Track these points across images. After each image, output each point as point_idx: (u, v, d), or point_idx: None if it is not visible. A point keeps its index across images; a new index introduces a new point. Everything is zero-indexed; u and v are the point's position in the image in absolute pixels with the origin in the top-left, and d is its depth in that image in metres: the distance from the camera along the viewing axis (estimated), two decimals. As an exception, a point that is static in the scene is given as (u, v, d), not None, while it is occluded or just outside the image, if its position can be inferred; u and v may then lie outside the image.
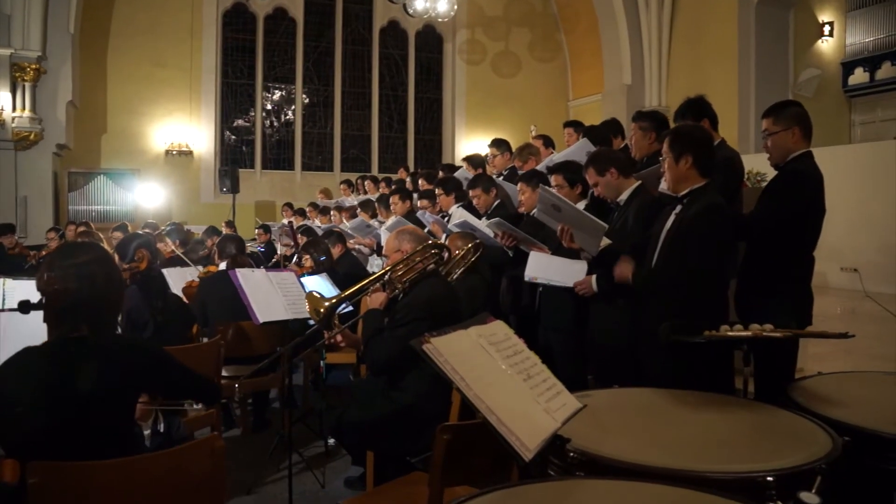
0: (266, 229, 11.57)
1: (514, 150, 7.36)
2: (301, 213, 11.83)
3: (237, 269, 4.56)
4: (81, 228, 9.93)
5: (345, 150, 17.46)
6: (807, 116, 3.89)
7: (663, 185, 4.18)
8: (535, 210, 5.30)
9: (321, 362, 5.13)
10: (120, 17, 14.88)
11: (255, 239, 12.15)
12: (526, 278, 4.57)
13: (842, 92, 16.85)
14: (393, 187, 9.77)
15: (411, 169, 13.22)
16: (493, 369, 1.98)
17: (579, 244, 3.78)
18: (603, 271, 3.94)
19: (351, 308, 5.37)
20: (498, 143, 7.13)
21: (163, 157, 15.43)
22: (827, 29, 16.55)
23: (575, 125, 7.21)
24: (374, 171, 17.31)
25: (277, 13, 16.83)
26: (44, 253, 9.13)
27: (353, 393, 4.18)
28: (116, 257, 4.42)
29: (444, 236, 6.01)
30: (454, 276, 4.64)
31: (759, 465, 1.98)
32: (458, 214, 5.58)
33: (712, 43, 15.09)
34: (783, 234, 3.74)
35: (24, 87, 12.56)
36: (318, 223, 10.46)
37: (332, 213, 10.38)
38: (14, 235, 10.04)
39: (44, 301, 2.43)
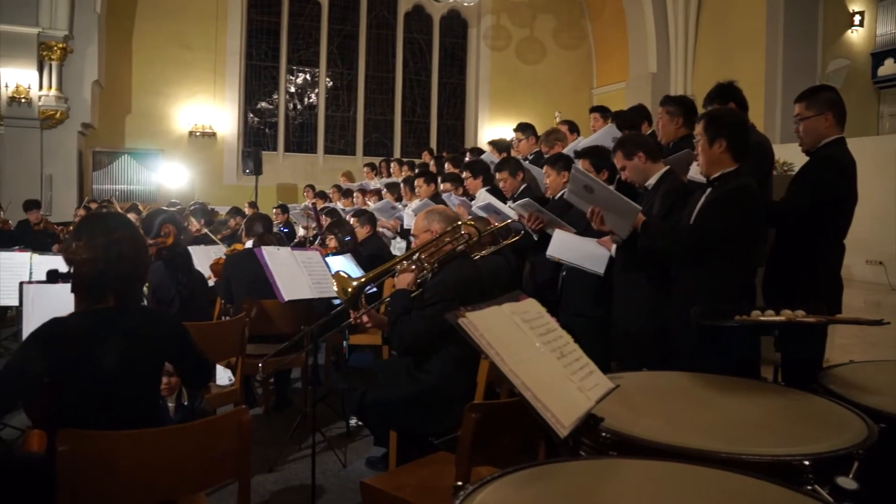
0: (284, 209, 11.57)
1: (539, 134, 7.33)
2: (323, 195, 11.81)
3: (263, 247, 4.56)
4: (104, 207, 10.03)
5: (367, 134, 17.45)
6: (840, 102, 3.84)
7: (692, 172, 4.14)
8: (564, 192, 5.29)
9: (344, 343, 5.13)
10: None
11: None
12: (547, 255, 4.55)
13: (871, 83, 16.58)
14: (417, 170, 9.76)
15: (429, 150, 13.20)
16: (527, 346, 1.96)
17: (610, 226, 3.74)
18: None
19: (375, 289, 5.40)
20: (523, 128, 7.09)
21: (186, 138, 15.48)
22: (857, 19, 16.26)
23: (601, 110, 7.17)
24: (397, 155, 17.25)
25: (303, -5, 16.84)
26: (71, 228, 9.19)
27: (376, 373, 4.18)
28: (142, 231, 4.43)
29: (468, 218, 6.00)
30: (477, 256, 4.62)
31: (796, 448, 1.95)
32: (483, 197, 5.56)
33: (740, 31, 14.91)
34: (814, 220, 3.69)
35: (50, 66, 12.65)
36: (340, 206, 10.45)
37: (354, 195, 10.36)
38: (39, 211, 10.10)
39: (72, 271, 2.42)
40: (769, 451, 1.95)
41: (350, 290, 3.75)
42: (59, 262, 5.69)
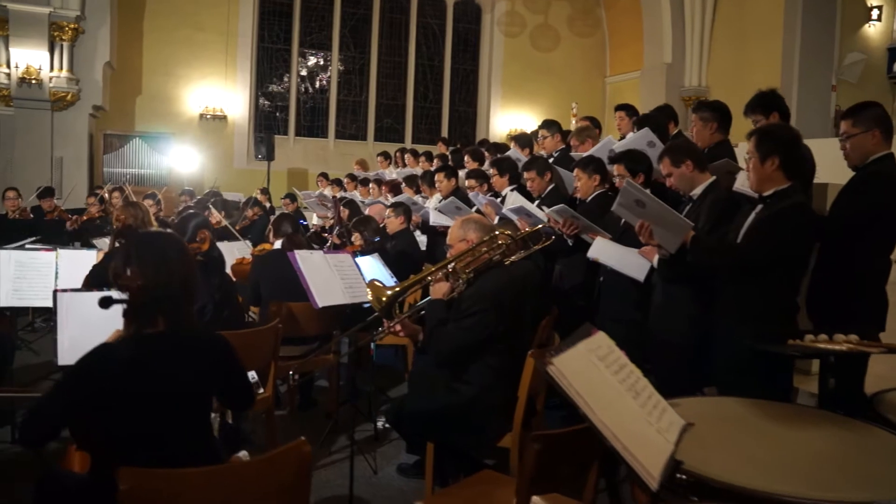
0: (292, 198, 11.50)
1: (562, 130, 7.24)
2: (338, 183, 11.73)
3: (296, 252, 4.50)
4: (115, 193, 9.94)
5: (379, 119, 17.30)
6: (888, 118, 3.79)
7: (739, 184, 4.07)
8: (595, 194, 5.23)
9: (372, 345, 5.08)
10: (158, -22, 14.78)
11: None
12: (588, 256, 4.51)
13: (886, 78, 16.47)
14: (435, 162, 9.68)
15: (448, 141, 13.08)
16: (607, 388, 1.90)
17: (658, 240, 3.68)
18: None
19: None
20: (548, 125, 6.99)
21: (196, 120, 15.34)
22: (875, 13, 16.14)
23: (627, 108, 7.04)
24: (408, 141, 17.16)
25: (316, -22, 16.66)
26: (85, 218, 9.11)
27: (411, 382, 4.14)
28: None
29: (496, 218, 5.94)
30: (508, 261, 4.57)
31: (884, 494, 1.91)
32: (513, 199, 5.48)
33: (756, 24, 14.75)
34: (861, 235, 3.64)
35: (62, 46, 12.50)
36: (358, 195, 10.38)
37: (371, 185, 10.28)
38: (53, 199, 10.03)
39: (127, 297, 2.35)
40: (857, 498, 1.90)
41: (384, 299, 3.70)
42: (84, 257, 5.64)
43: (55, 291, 3.46)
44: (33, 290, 4.77)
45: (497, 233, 3.74)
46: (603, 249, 4.41)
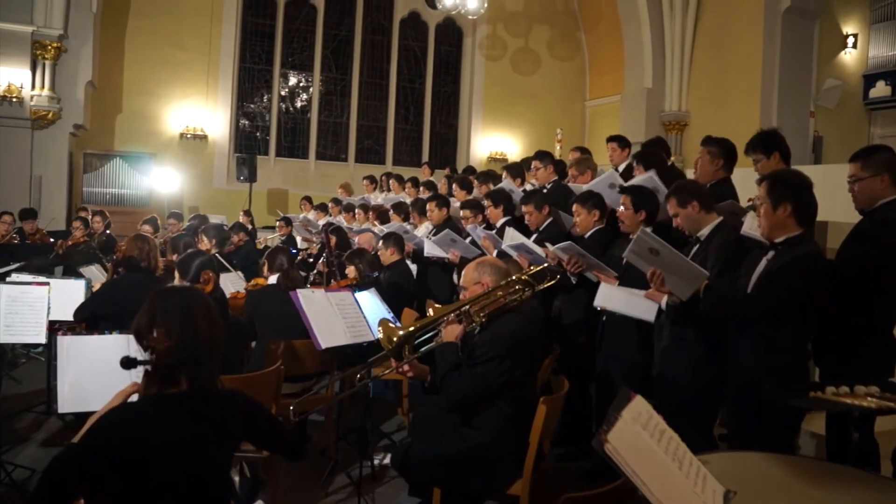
0: (287, 222, 11.47)
1: (555, 161, 7.25)
2: (322, 208, 11.65)
3: (299, 292, 4.43)
4: (96, 218, 9.82)
5: (360, 140, 17.26)
6: (896, 162, 3.80)
7: (747, 227, 4.07)
8: (595, 230, 5.23)
9: (368, 381, 5.01)
10: (141, -3, 14.68)
11: (271, 227, 12.06)
12: (595, 305, 4.49)
13: (862, 104, 16.75)
14: (421, 188, 9.65)
15: (433, 165, 13.04)
16: (655, 461, 1.87)
17: (670, 288, 3.66)
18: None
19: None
20: (542, 156, 6.98)
21: (177, 140, 15.21)
22: (851, 41, 16.42)
23: (619, 140, 7.08)
24: (389, 163, 17.15)
25: (298, -1, 16.64)
26: (70, 242, 8.97)
27: (416, 423, 4.08)
28: (177, 275, 4.28)
29: (494, 252, 5.92)
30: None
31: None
32: (511, 235, 5.46)
33: (736, 50, 14.91)
34: (870, 280, 3.65)
35: (44, 65, 12.34)
36: (343, 221, 10.31)
37: (356, 211, 10.22)
38: (35, 221, 9.88)
39: (152, 359, 2.28)
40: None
41: (395, 339, 3.65)
42: (72, 289, 5.52)
43: (57, 334, 3.35)
44: (25, 325, 4.64)
45: (513, 277, 3.71)
46: (609, 297, 4.38)
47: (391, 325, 3.69)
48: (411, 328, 3.66)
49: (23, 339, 4.74)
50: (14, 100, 11.96)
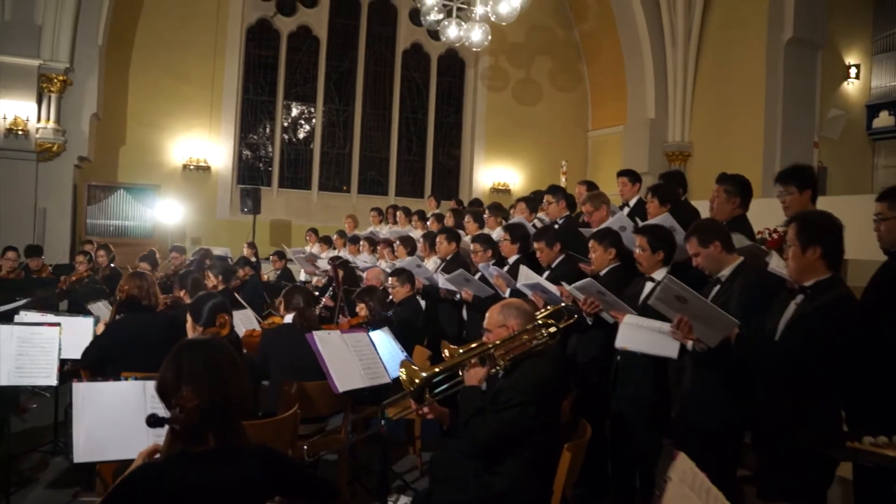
0: (280, 256, 11.45)
1: (567, 196, 7.21)
2: (327, 240, 11.60)
3: (315, 334, 4.37)
4: (101, 252, 9.77)
5: (362, 171, 17.26)
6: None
7: (774, 264, 4.00)
8: (610, 268, 5.17)
9: (382, 422, 4.94)
10: (145, 30, 14.69)
11: (268, 258, 12.04)
12: (616, 346, 4.42)
13: (865, 135, 16.79)
14: (431, 221, 9.61)
15: (440, 197, 13.00)
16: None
17: (697, 335, 3.59)
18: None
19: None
20: (555, 191, 6.95)
21: (180, 171, 15.21)
22: (853, 71, 16.49)
23: (629, 175, 7.02)
24: (392, 193, 17.16)
25: (301, 31, 16.64)
26: (74, 278, 8.91)
27: (436, 467, 4.00)
28: (189, 320, 4.20)
29: (507, 291, 5.86)
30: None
31: None
32: (526, 274, 5.39)
33: (739, 80, 14.96)
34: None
35: (49, 98, 12.36)
36: (347, 254, 10.26)
37: (362, 243, 10.17)
38: (41, 258, 9.83)
39: (180, 417, 2.22)
40: None
41: (418, 381, 3.59)
42: (80, 326, 5.46)
43: (72, 381, 3.29)
44: (36, 367, 4.58)
45: (540, 321, 3.65)
46: (631, 337, 4.30)
47: (413, 367, 3.63)
48: (435, 370, 3.59)
49: (34, 382, 4.69)
50: (20, 133, 11.97)
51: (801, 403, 3.27)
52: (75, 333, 5.43)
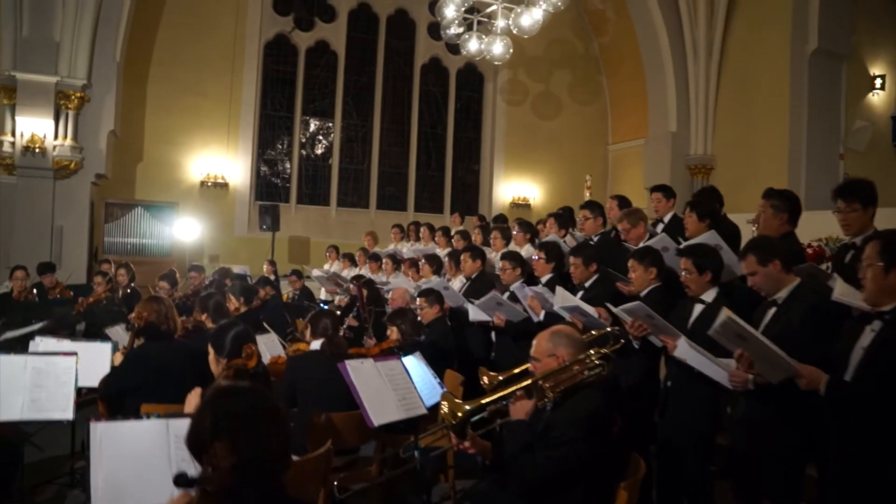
0: (298, 275, 11.28)
1: (603, 213, 6.96)
2: (349, 258, 11.38)
3: (347, 363, 4.14)
4: (121, 271, 9.59)
5: (381, 187, 17.07)
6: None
7: (839, 293, 3.70)
8: (652, 287, 4.92)
9: (415, 453, 4.70)
10: (163, 46, 14.57)
11: (286, 275, 11.88)
12: (675, 356, 4.17)
13: (891, 146, 16.45)
14: (455, 238, 9.38)
15: (463, 213, 12.74)
16: None
17: (759, 371, 3.34)
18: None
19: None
20: (591, 206, 6.71)
21: (198, 188, 15.06)
22: (878, 82, 16.18)
23: (664, 190, 6.76)
24: (411, 209, 16.95)
25: (319, 46, 16.49)
26: (91, 300, 8.71)
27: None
28: (212, 352, 3.93)
29: (542, 313, 5.63)
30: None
31: None
32: (563, 296, 5.14)
33: (762, 92, 14.71)
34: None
35: (67, 115, 12.22)
36: (368, 271, 10.05)
37: (384, 261, 9.95)
38: (54, 275, 9.64)
39: (213, 478, 1.96)
40: None
41: (460, 414, 3.35)
42: (99, 353, 5.24)
43: (89, 421, 3.04)
44: (53, 400, 4.35)
45: (592, 351, 3.41)
46: (690, 353, 4.04)
47: (456, 400, 3.39)
48: (481, 402, 3.36)
49: (50, 416, 4.44)
50: (37, 150, 11.83)
51: (883, 436, 3.00)
52: (93, 360, 5.21)
